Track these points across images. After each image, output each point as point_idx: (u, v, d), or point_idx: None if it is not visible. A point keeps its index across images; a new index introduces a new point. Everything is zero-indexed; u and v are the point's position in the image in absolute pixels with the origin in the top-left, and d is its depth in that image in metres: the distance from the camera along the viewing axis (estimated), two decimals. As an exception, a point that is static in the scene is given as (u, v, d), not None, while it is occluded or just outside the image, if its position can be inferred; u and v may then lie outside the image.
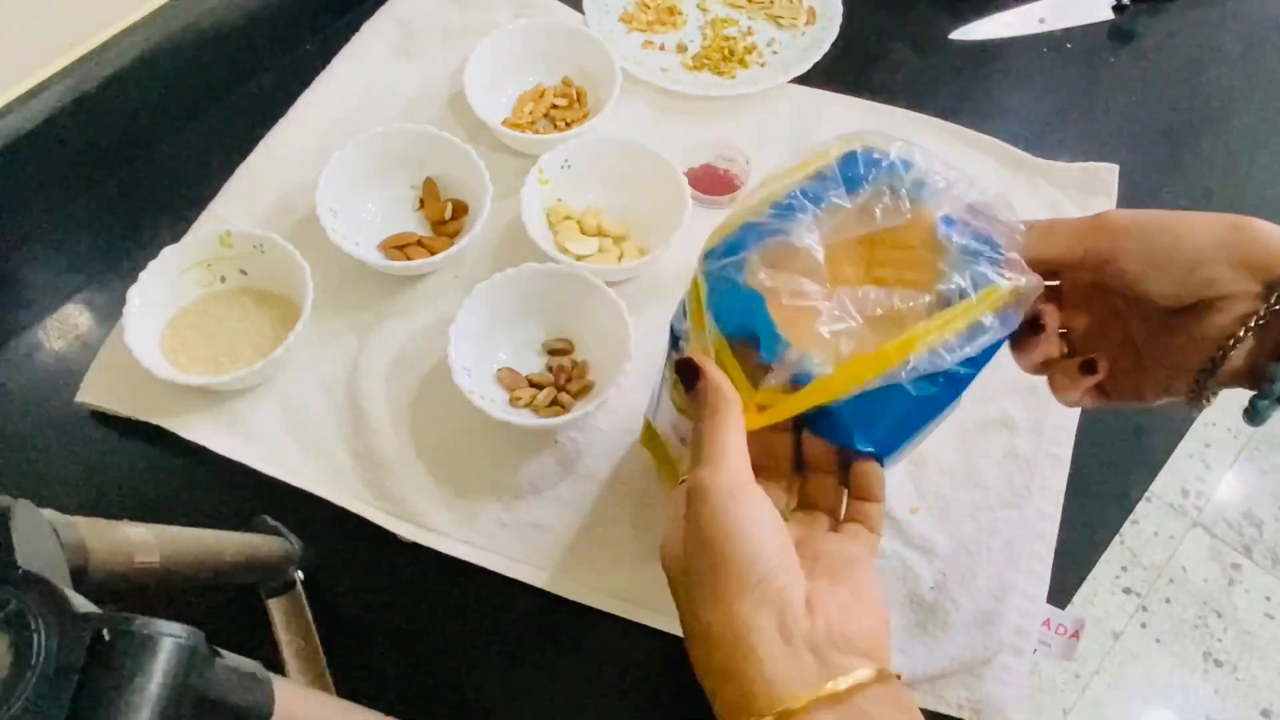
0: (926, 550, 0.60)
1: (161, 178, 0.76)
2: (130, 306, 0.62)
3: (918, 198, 0.42)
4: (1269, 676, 1.37)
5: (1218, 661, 1.38)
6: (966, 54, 0.85)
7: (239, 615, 0.56)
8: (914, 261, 0.42)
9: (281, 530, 0.56)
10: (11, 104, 0.68)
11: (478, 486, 0.62)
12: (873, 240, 0.43)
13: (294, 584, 0.56)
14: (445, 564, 0.60)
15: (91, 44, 0.71)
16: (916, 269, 0.42)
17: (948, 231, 0.41)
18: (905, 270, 0.42)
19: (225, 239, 0.66)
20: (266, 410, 0.65)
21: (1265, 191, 0.78)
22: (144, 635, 0.27)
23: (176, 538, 0.42)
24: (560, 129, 0.77)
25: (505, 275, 0.64)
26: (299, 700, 0.35)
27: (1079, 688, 1.36)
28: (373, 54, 0.82)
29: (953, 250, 0.41)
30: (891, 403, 0.40)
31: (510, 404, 0.63)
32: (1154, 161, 0.79)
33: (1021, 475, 0.63)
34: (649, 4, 0.87)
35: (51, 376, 0.67)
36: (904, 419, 0.42)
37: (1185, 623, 1.41)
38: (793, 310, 0.40)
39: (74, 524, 0.35)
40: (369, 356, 0.66)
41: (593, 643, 0.58)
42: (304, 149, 0.76)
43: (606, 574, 0.59)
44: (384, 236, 0.71)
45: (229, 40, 0.78)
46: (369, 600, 0.59)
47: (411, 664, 0.57)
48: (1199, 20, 0.88)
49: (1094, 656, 1.38)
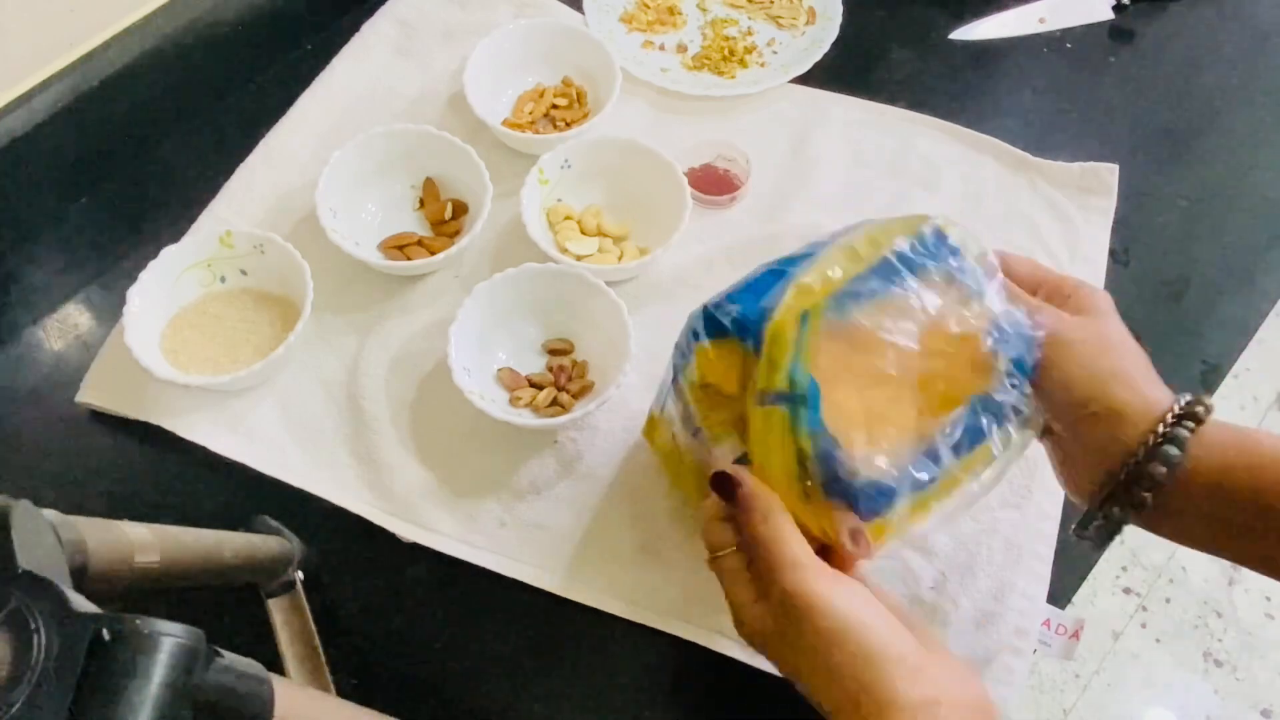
0: (926, 550, 0.60)
1: (161, 178, 0.76)
2: (130, 306, 0.62)
3: (978, 291, 0.44)
4: (1269, 676, 1.37)
5: (1218, 661, 1.38)
6: (966, 54, 0.85)
7: (239, 615, 0.56)
8: (962, 367, 0.44)
9: (281, 530, 0.56)
10: (11, 104, 0.68)
11: (478, 486, 0.62)
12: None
13: (294, 584, 0.56)
14: (445, 564, 0.60)
15: (91, 44, 0.71)
16: (962, 376, 0.44)
17: (995, 347, 0.44)
18: (954, 370, 0.44)
19: (225, 239, 0.66)
20: (266, 410, 0.65)
21: (1265, 191, 0.78)
22: (144, 635, 0.27)
23: (176, 538, 0.42)
24: (560, 129, 0.77)
25: (505, 275, 0.64)
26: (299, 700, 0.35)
27: (1079, 688, 1.36)
28: (373, 54, 0.82)
29: (997, 369, 0.44)
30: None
31: (510, 404, 0.63)
32: (1154, 161, 0.79)
33: (1022, 475, 0.63)
34: (649, 4, 0.87)
35: (51, 376, 0.67)
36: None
37: (1185, 623, 1.41)
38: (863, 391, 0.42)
39: (74, 524, 0.35)
40: (369, 356, 0.66)
41: (593, 642, 0.58)
42: (304, 149, 0.76)
43: (606, 574, 0.59)
44: (384, 236, 0.71)
45: (229, 40, 0.78)
46: (369, 600, 0.59)
47: (411, 664, 0.57)
48: (1199, 20, 0.88)
49: (1094, 656, 1.38)
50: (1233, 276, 0.73)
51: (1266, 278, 0.74)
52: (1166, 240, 0.75)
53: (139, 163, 0.76)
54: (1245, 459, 0.41)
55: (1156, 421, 0.42)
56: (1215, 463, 0.42)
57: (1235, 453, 0.42)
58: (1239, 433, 0.43)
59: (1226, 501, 0.42)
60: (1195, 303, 0.72)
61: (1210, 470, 0.42)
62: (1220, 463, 0.42)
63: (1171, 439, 0.42)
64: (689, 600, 0.58)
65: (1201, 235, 0.75)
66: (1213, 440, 0.42)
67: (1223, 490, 0.42)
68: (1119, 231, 0.74)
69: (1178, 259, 0.74)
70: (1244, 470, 0.41)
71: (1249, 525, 0.41)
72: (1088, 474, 0.45)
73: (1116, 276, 0.72)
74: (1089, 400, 0.44)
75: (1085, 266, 0.72)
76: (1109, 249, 0.74)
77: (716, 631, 0.57)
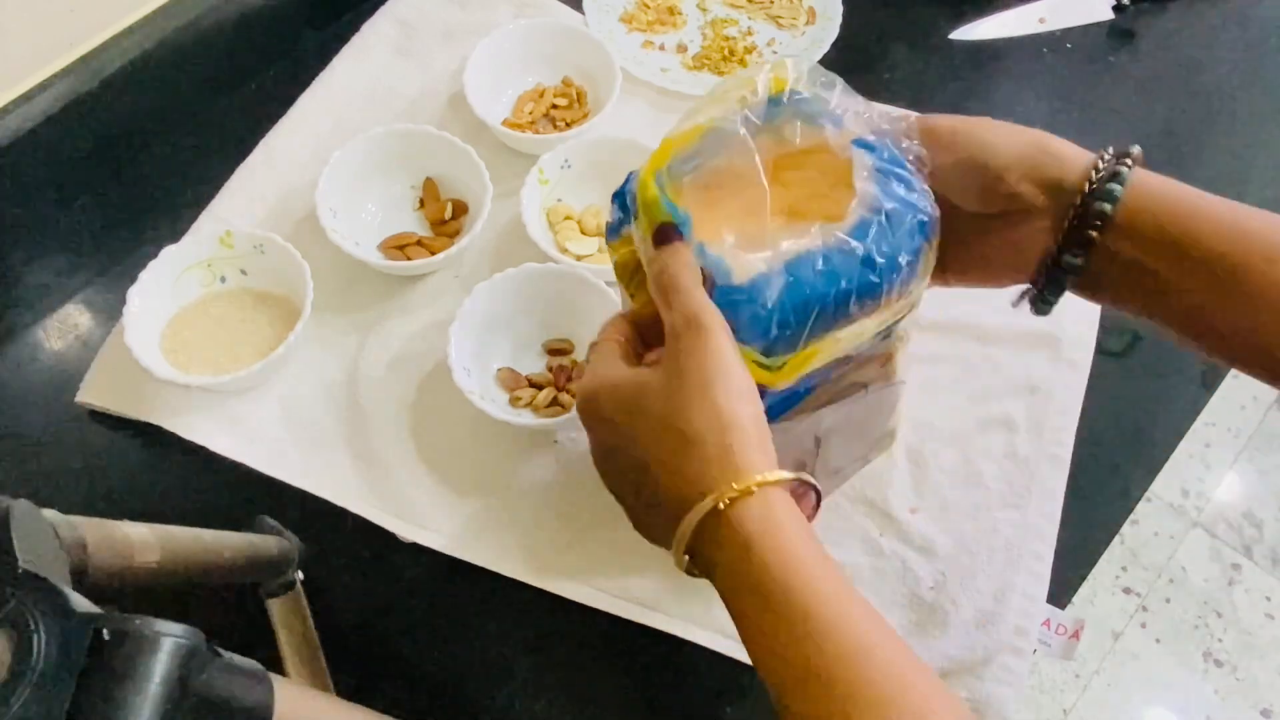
0: (926, 550, 0.60)
1: (161, 178, 0.76)
2: (130, 306, 0.62)
3: (835, 123, 0.45)
4: (1269, 676, 1.37)
5: (1218, 661, 1.38)
6: (966, 54, 0.85)
7: (239, 615, 0.56)
8: (827, 186, 0.45)
9: (281, 530, 0.56)
10: (11, 104, 0.68)
11: (478, 486, 0.62)
12: (786, 162, 0.45)
13: (294, 584, 0.56)
14: (445, 564, 0.60)
15: (91, 44, 0.71)
16: (830, 194, 0.44)
17: (861, 153, 0.44)
18: (820, 191, 0.45)
19: (225, 239, 0.66)
20: (266, 410, 0.65)
21: (1265, 191, 0.78)
22: (144, 635, 0.27)
23: (176, 538, 0.42)
24: (560, 129, 0.77)
25: (505, 275, 0.64)
26: (299, 700, 0.35)
27: (1079, 688, 1.36)
28: (373, 54, 0.82)
29: (863, 171, 0.43)
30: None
31: (510, 404, 0.63)
32: (1154, 161, 0.78)
33: (1021, 475, 0.63)
34: (649, 4, 0.87)
35: (51, 376, 0.67)
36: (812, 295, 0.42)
37: (1185, 623, 1.41)
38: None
39: (74, 524, 0.35)
40: (369, 356, 0.66)
41: (593, 642, 0.58)
42: (304, 149, 0.76)
43: (606, 574, 0.59)
44: (384, 236, 0.71)
45: (229, 40, 0.78)
46: (369, 600, 0.59)
47: (411, 664, 0.57)
48: (1199, 20, 0.88)
49: (1094, 656, 1.38)
50: (1233, 276, 0.73)
51: (1266, 278, 0.74)
52: (1166, 240, 0.75)
53: (139, 163, 0.76)
54: (1177, 203, 0.42)
55: (1095, 161, 0.43)
56: (1151, 203, 0.42)
57: (1169, 196, 0.43)
58: (1168, 181, 0.43)
59: (1160, 243, 0.42)
60: (1195, 303, 0.72)
61: (1144, 211, 0.42)
62: (1158, 204, 0.42)
63: (1113, 176, 0.42)
64: (689, 600, 0.58)
65: (1201, 235, 0.75)
66: (1145, 181, 0.43)
67: (1159, 232, 0.42)
68: (1119, 231, 0.74)
69: (1178, 259, 0.74)
70: (1177, 212, 0.42)
71: (1179, 273, 0.42)
72: (1024, 244, 0.45)
73: (1116, 276, 0.72)
74: (1018, 161, 0.44)
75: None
76: (1109, 249, 0.74)
77: (717, 631, 0.57)
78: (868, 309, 0.42)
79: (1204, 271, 0.41)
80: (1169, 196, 0.43)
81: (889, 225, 0.42)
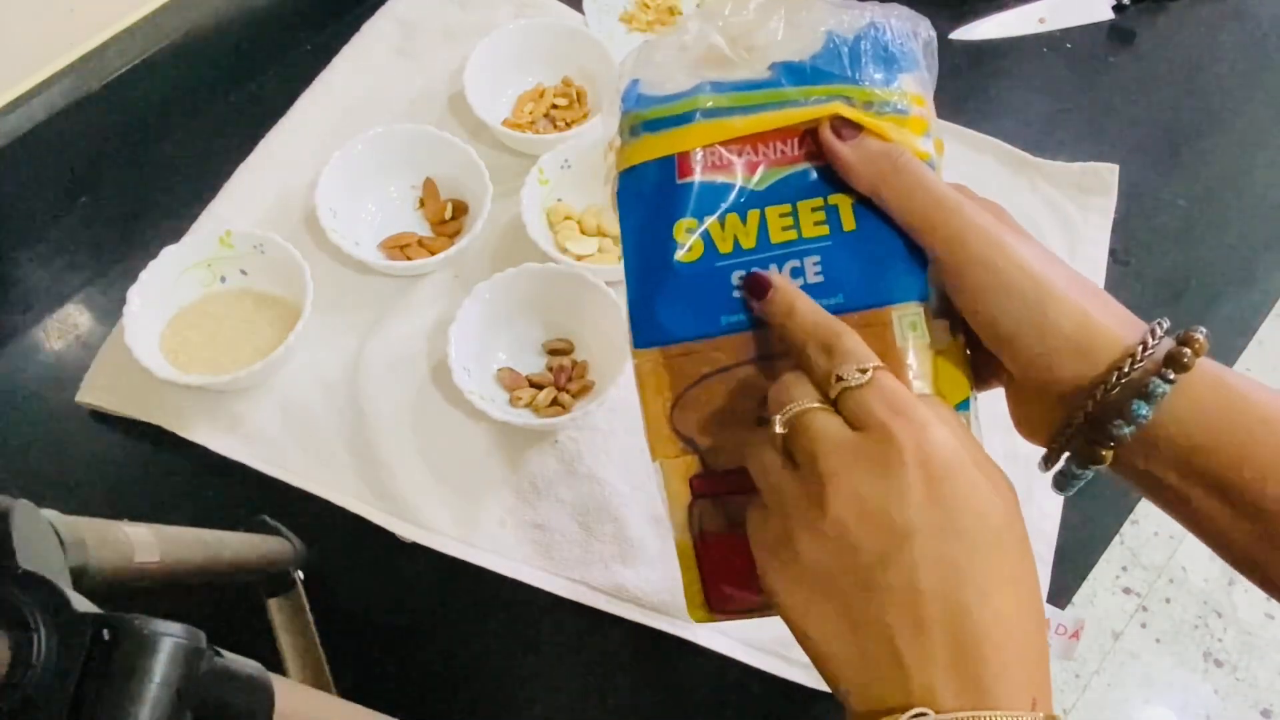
0: (926, 550, 0.60)
1: (161, 178, 0.76)
2: (130, 306, 0.62)
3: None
4: (1269, 676, 1.37)
5: (1218, 661, 1.38)
6: (966, 54, 0.85)
7: (239, 615, 0.56)
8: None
9: (281, 530, 0.56)
10: (11, 104, 0.68)
11: (478, 486, 0.62)
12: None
13: (294, 584, 0.56)
14: (445, 564, 0.60)
15: (91, 44, 0.71)
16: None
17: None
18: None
19: (225, 239, 0.66)
20: (266, 410, 0.65)
21: (1265, 192, 0.78)
22: (144, 635, 0.27)
23: (176, 538, 0.42)
24: (560, 129, 0.77)
25: (505, 275, 0.64)
26: (299, 700, 0.35)
27: (1079, 688, 1.36)
28: (373, 54, 0.82)
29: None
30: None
31: (510, 404, 0.63)
32: (1154, 161, 0.79)
33: (1022, 475, 0.62)
34: (649, 4, 0.87)
35: (51, 376, 0.67)
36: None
37: (1185, 623, 1.41)
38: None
39: (74, 524, 0.35)
40: (369, 356, 0.66)
41: (593, 643, 0.58)
42: (304, 149, 0.76)
43: (607, 575, 0.59)
44: (384, 236, 0.71)
45: (229, 40, 0.78)
46: (369, 600, 0.59)
47: (411, 664, 0.57)
48: (1199, 20, 0.88)
49: (1094, 656, 1.38)
50: (1232, 277, 0.73)
51: (1266, 278, 0.74)
52: (1166, 240, 0.75)
53: (139, 163, 0.76)
54: (1232, 429, 0.32)
55: (1123, 357, 0.33)
56: (1193, 428, 0.32)
57: (1218, 408, 0.32)
58: (1224, 382, 0.33)
59: (1192, 475, 0.33)
60: (1195, 303, 0.72)
61: (1183, 435, 0.32)
62: (1201, 428, 0.32)
63: (1141, 392, 0.32)
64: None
65: (1201, 235, 0.75)
66: (1194, 389, 0.32)
67: (1200, 461, 0.33)
68: (1119, 231, 0.74)
69: (1178, 259, 0.74)
70: (1228, 439, 0.32)
71: (1224, 517, 0.33)
72: (1039, 412, 0.37)
73: (1116, 276, 0.72)
74: (1030, 328, 0.34)
75: (1085, 266, 0.72)
76: (1109, 249, 0.74)
77: (718, 631, 0.57)
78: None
79: (1255, 517, 0.32)
80: (1218, 408, 0.32)
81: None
